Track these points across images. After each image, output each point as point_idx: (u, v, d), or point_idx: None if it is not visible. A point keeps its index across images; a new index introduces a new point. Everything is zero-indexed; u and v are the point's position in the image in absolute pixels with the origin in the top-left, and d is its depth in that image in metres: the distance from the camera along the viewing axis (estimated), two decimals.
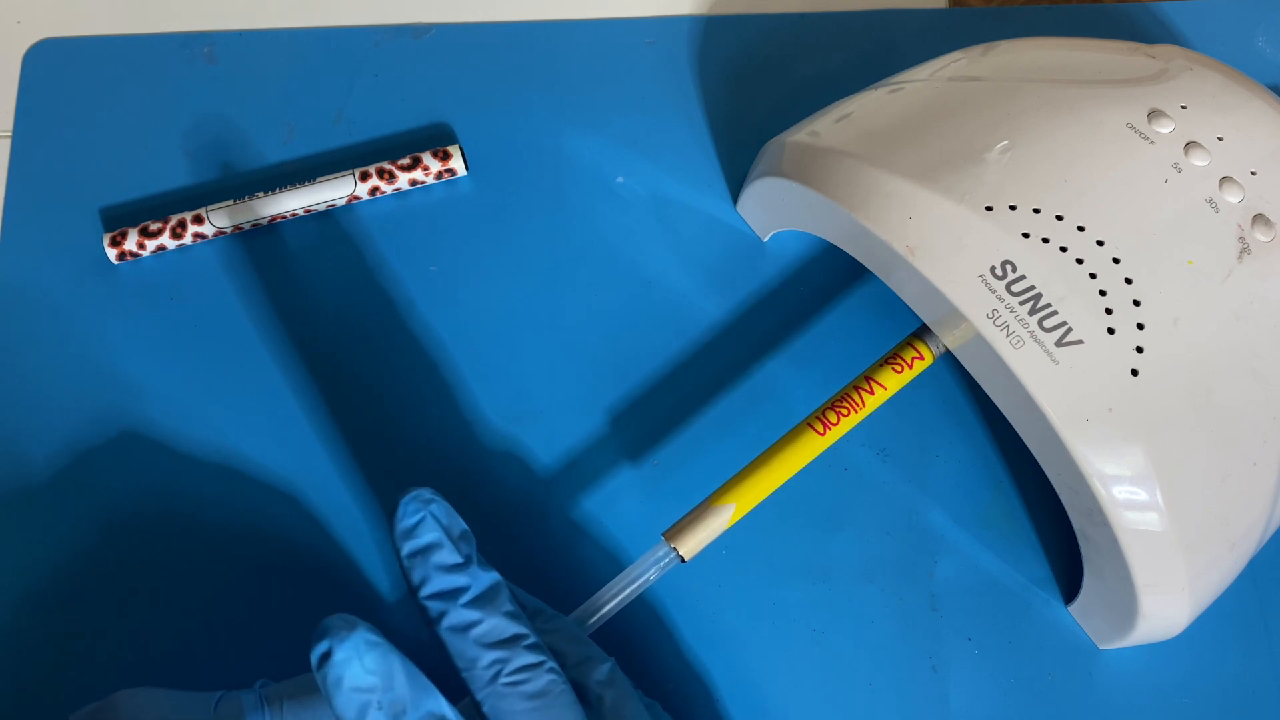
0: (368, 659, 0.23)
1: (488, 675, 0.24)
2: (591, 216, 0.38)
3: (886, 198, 0.29)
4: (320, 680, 0.23)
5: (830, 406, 0.31)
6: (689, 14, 0.41)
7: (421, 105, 0.39)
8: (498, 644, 0.25)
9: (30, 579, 0.33)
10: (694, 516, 0.29)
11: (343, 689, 0.23)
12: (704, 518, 0.29)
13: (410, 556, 0.25)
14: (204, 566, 0.33)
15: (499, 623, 0.25)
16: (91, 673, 0.32)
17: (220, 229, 0.37)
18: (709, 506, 0.29)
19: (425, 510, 0.25)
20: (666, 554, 0.29)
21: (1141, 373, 0.27)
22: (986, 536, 0.34)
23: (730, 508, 0.29)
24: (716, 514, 0.29)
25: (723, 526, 0.29)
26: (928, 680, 0.32)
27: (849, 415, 0.30)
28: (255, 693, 0.27)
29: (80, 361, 0.36)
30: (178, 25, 0.41)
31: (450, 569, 0.25)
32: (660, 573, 0.29)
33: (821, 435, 0.30)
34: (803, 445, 0.30)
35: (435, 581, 0.25)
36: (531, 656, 0.25)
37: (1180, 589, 0.28)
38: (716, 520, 0.29)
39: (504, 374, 0.35)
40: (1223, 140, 0.30)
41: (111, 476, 0.34)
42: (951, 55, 0.34)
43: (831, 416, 0.30)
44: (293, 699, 0.26)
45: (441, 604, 0.25)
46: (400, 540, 0.25)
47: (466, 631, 0.25)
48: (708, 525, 0.29)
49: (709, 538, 0.29)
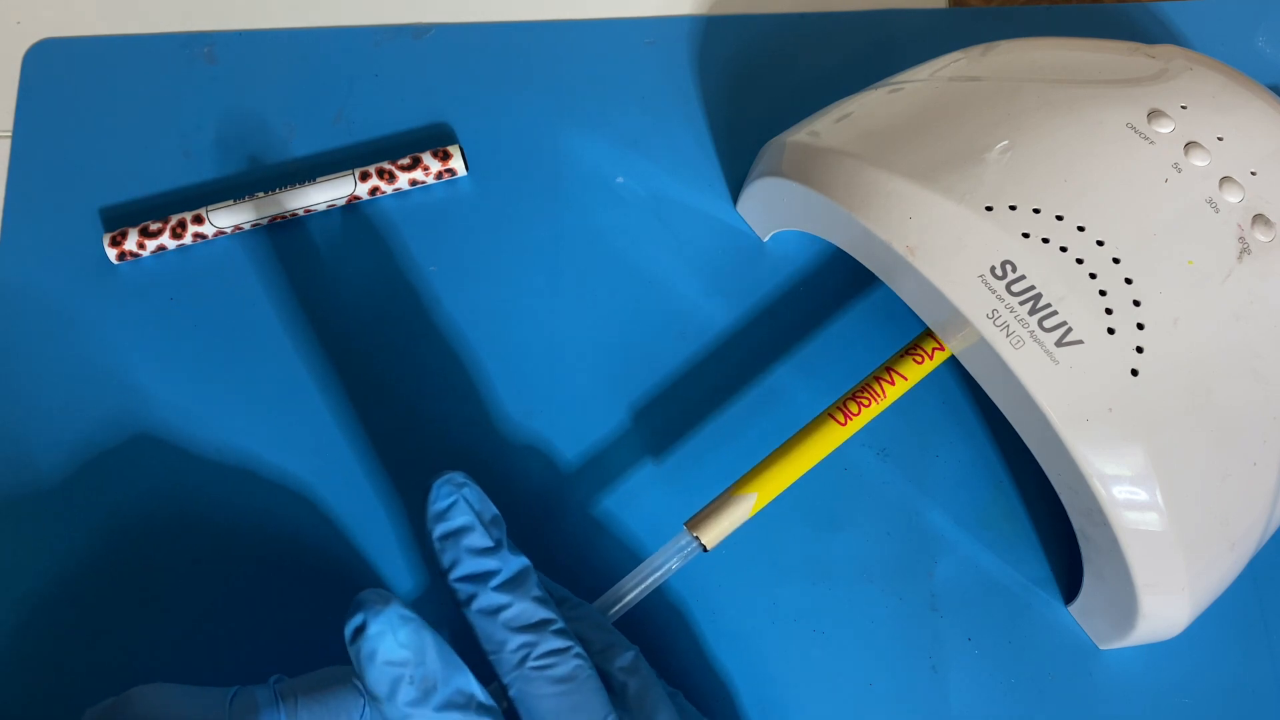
0: (401, 633, 0.23)
1: (515, 659, 0.25)
2: (591, 216, 0.38)
3: (886, 198, 0.29)
4: (354, 654, 0.23)
5: (851, 397, 0.31)
6: (689, 14, 0.41)
7: (421, 105, 0.39)
8: (526, 628, 0.25)
9: (41, 581, 0.33)
10: (716, 506, 0.29)
11: (376, 662, 0.23)
12: (726, 507, 0.29)
13: (442, 539, 0.26)
14: (213, 565, 0.33)
15: (527, 607, 0.25)
16: (107, 671, 0.32)
17: (220, 229, 0.37)
18: (731, 496, 0.29)
19: (458, 494, 0.26)
20: (689, 543, 0.29)
21: (1141, 373, 0.27)
22: (986, 536, 0.34)
23: (752, 497, 0.29)
24: (738, 503, 0.29)
25: (744, 516, 0.29)
26: (928, 680, 0.32)
27: (870, 405, 0.31)
28: (270, 688, 0.27)
29: (80, 362, 0.36)
30: (178, 25, 0.41)
31: (481, 552, 0.25)
32: (682, 562, 0.29)
33: (843, 425, 0.30)
34: (824, 435, 0.30)
35: (466, 564, 0.25)
36: (559, 641, 0.25)
37: (1180, 589, 0.28)
38: (738, 510, 0.29)
39: (503, 374, 0.35)
40: (1223, 140, 0.30)
41: (112, 477, 0.34)
42: (951, 55, 0.34)
43: (853, 407, 0.30)
44: (307, 694, 0.26)
45: (471, 587, 0.25)
46: (432, 522, 0.26)
47: (495, 615, 0.25)
48: (730, 515, 0.29)
49: (731, 527, 0.29)
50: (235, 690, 0.27)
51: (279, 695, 0.26)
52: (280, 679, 0.27)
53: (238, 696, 0.27)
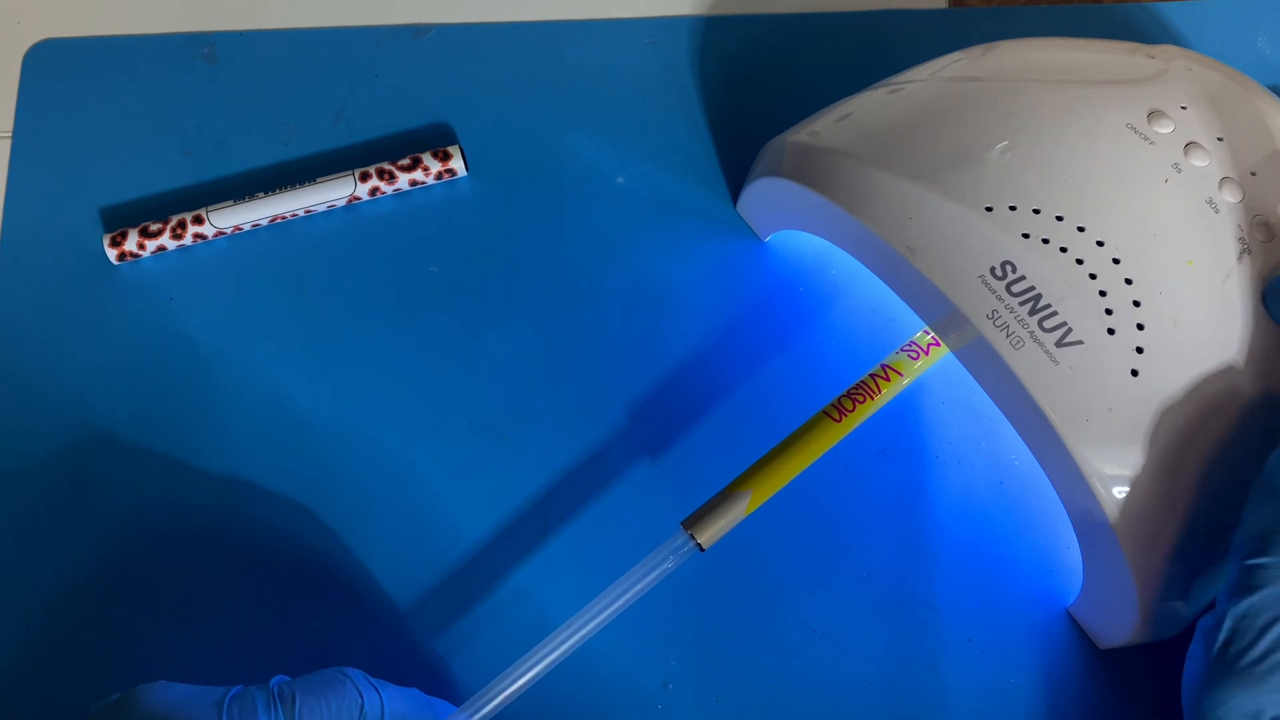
0: None
1: None
2: (591, 216, 0.38)
3: (886, 198, 0.29)
4: None
5: (847, 394, 0.31)
6: (689, 14, 0.41)
7: (421, 105, 0.39)
8: None
9: (48, 581, 0.33)
10: (711, 505, 0.29)
11: None
12: (721, 506, 0.29)
13: None
14: (215, 568, 0.33)
15: None
16: (111, 671, 0.32)
17: (220, 229, 0.37)
18: (726, 495, 0.29)
19: None
20: (685, 543, 0.29)
21: (1141, 373, 0.27)
22: (986, 536, 0.34)
23: (747, 495, 0.29)
24: (734, 502, 0.29)
25: (740, 515, 0.29)
26: (928, 680, 0.32)
27: (865, 402, 0.30)
28: (270, 688, 0.27)
29: (80, 362, 0.36)
30: (178, 25, 0.41)
31: None
32: (678, 561, 0.29)
33: (838, 422, 0.30)
34: (820, 433, 0.30)
35: None
36: None
37: (1180, 589, 0.28)
38: (734, 509, 0.29)
39: (503, 374, 0.35)
40: (1223, 140, 0.30)
41: (112, 478, 0.34)
42: (951, 55, 0.34)
43: (847, 404, 0.30)
44: (306, 694, 0.27)
45: None
46: None
47: None
48: (725, 514, 0.29)
49: (727, 527, 0.29)
50: (236, 690, 0.27)
51: (279, 695, 0.27)
52: (281, 679, 0.28)
53: (239, 696, 0.27)
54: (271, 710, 0.26)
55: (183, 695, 0.27)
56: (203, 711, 0.26)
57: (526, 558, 0.33)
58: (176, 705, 0.27)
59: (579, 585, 0.33)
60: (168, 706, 0.26)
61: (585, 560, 0.33)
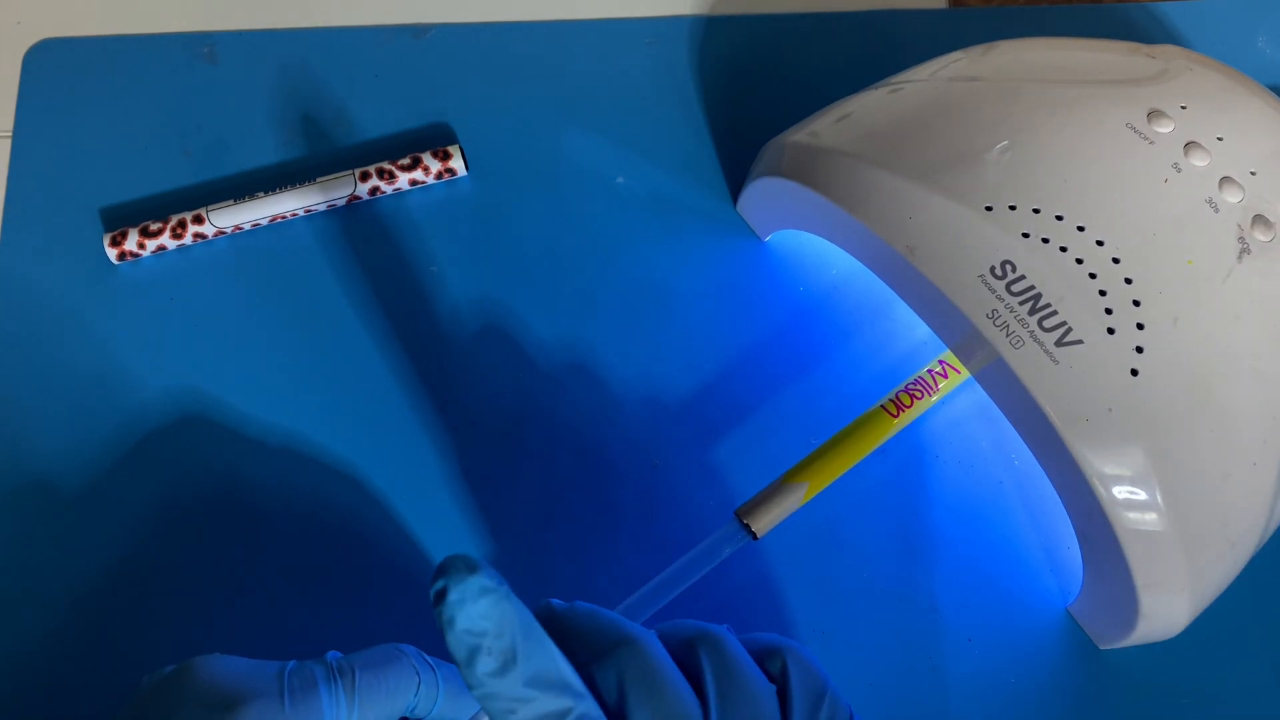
0: (481, 604, 0.22)
1: None
2: (591, 216, 0.38)
3: (886, 197, 0.29)
4: (436, 616, 0.22)
5: (904, 389, 0.31)
6: (689, 14, 0.41)
7: (421, 105, 0.39)
8: None
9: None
10: (767, 494, 0.29)
11: (454, 629, 0.22)
12: (777, 496, 0.29)
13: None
14: (213, 563, 0.33)
15: None
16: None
17: (220, 229, 0.37)
18: (782, 485, 0.29)
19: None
20: (739, 531, 0.29)
21: (1141, 373, 0.27)
22: (986, 536, 0.34)
23: (803, 487, 0.29)
24: (790, 493, 0.29)
25: (795, 505, 0.29)
26: (928, 680, 0.32)
27: (922, 399, 0.31)
28: (326, 663, 0.27)
29: (80, 361, 0.36)
30: (178, 25, 0.41)
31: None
32: (732, 549, 0.29)
33: (895, 417, 0.30)
34: (875, 427, 0.30)
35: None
36: None
37: (1180, 589, 0.28)
38: (789, 499, 0.29)
39: (503, 373, 0.35)
40: (1223, 140, 0.30)
41: (112, 479, 0.34)
42: (951, 55, 0.34)
43: (905, 399, 0.31)
44: (363, 671, 0.27)
45: None
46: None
47: None
48: (781, 504, 0.29)
49: (781, 516, 0.29)
50: (292, 665, 0.27)
51: (336, 671, 0.27)
52: (336, 655, 0.27)
53: (295, 671, 0.26)
54: (331, 684, 0.26)
55: (240, 667, 0.27)
56: (262, 684, 0.26)
57: (527, 557, 0.33)
58: (235, 677, 0.26)
59: (580, 585, 0.33)
60: (226, 678, 0.26)
61: (585, 560, 0.33)
